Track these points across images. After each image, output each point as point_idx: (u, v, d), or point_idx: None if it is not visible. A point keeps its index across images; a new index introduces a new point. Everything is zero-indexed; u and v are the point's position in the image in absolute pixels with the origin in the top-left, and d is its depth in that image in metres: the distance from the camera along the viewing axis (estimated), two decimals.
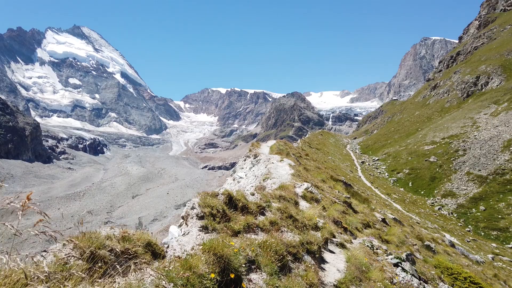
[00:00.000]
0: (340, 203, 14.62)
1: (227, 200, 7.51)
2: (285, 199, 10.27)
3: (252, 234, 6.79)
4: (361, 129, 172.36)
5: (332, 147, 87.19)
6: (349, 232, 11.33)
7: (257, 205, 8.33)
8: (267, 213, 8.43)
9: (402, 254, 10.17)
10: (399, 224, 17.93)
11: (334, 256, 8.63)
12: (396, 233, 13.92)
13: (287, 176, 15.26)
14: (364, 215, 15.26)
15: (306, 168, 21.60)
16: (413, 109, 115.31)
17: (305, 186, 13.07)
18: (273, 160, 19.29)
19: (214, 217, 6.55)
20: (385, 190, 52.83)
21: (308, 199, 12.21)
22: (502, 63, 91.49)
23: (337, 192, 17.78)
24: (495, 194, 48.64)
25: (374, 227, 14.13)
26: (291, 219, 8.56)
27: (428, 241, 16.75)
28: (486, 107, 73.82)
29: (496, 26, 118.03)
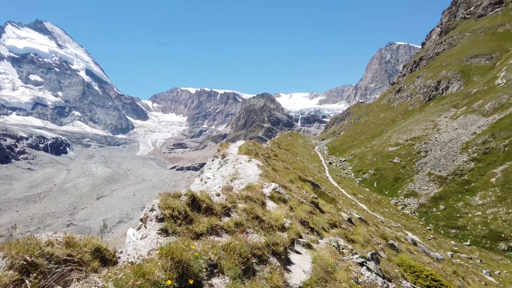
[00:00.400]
0: (307, 203, 14.51)
1: (190, 201, 7.23)
2: (252, 200, 10.08)
3: (216, 237, 6.56)
4: (329, 131, 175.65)
5: (301, 148, 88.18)
6: (316, 232, 11.24)
7: (222, 206, 8.11)
8: (233, 214, 8.21)
9: (367, 253, 10.28)
10: (364, 223, 18.18)
11: (300, 257, 8.50)
12: (361, 232, 14.05)
13: (255, 176, 15.08)
14: (330, 215, 15.25)
15: (275, 168, 21.40)
16: (379, 111, 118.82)
17: (273, 187, 12.91)
18: (241, 160, 19.04)
19: (176, 219, 6.26)
20: (352, 190, 53.96)
21: (275, 199, 12.02)
22: (462, 68, 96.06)
23: (304, 193, 17.72)
24: (454, 194, 50.86)
25: (340, 227, 14.17)
26: (257, 220, 8.37)
27: (392, 240, 17.04)
28: (446, 111, 77.16)
29: (456, 33, 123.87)
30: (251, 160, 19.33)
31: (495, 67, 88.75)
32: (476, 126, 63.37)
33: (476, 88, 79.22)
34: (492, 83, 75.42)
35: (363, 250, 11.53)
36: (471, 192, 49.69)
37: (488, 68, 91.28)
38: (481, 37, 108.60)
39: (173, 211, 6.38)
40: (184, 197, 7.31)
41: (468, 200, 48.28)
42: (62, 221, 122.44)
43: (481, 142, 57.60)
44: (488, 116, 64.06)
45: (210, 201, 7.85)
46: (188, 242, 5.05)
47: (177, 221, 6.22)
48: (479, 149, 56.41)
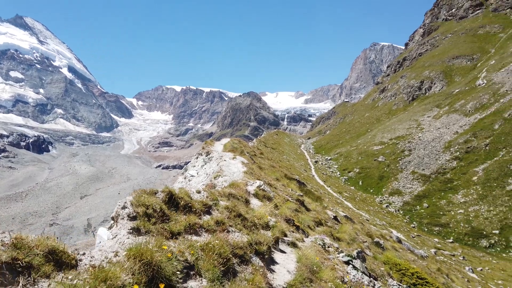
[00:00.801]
0: (293, 201, 14.21)
1: (167, 199, 6.80)
2: (235, 197, 9.73)
3: (195, 236, 6.23)
4: (314, 130, 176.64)
5: (287, 146, 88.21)
6: (301, 231, 10.95)
7: (203, 204, 7.73)
8: (214, 212, 7.87)
9: (353, 251, 10.15)
10: (350, 221, 18.00)
11: (285, 256, 8.22)
12: (347, 230, 13.86)
13: (239, 174, 14.78)
14: (316, 213, 14.98)
15: (260, 166, 21.08)
16: (363, 111, 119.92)
17: (258, 184, 12.62)
18: (225, 157, 18.63)
19: (150, 217, 5.84)
20: (337, 189, 54.15)
21: (260, 197, 11.74)
22: (444, 69, 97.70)
23: (290, 190, 17.41)
24: (437, 192, 51.57)
25: (326, 225, 13.92)
26: (239, 218, 8.06)
27: (378, 237, 16.96)
28: (429, 110, 78.29)
29: (438, 34, 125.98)
30: (235, 157, 18.90)
31: (476, 68, 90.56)
32: (458, 126, 64.43)
33: (458, 88, 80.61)
34: (473, 84, 76.84)
35: (349, 248, 11.36)
36: (453, 190, 50.48)
37: (470, 69, 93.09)
38: (463, 39, 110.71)
39: (147, 209, 5.97)
40: (160, 194, 6.90)
41: (451, 198, 49.01)
42: (45, 220, 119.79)
43: (463, 141, 58.57)
44: (470, 115, 65.21)
45: (189, 199, 7.47)
46: (161, 242, 4.68)
47: (151, 220, 5.81)
48: (461, 148, 57.36)
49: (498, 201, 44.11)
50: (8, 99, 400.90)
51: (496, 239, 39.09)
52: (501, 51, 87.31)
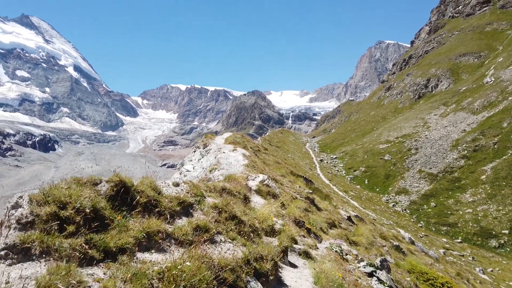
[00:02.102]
0: (302, 199, 12.73)
1: (115, 193, 4.82)
2: (230, 193, 7.84)
3: (155, 253, 4.31)
4: (319, 128, 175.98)
5: (292, 145, 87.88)
6: (313, 234, 9.46)
7: (178, 201, 5.74)
8: (196, 213, 5.90)
9: (375, 259, 8.93)
10: (361, 221, 17.03)
11: (296, 272, 6.37)
12: (364, 233, 12.74)
13: (239, 167, 13.03)
14: (328, 213, 13.59)
15: (265, 162, 19.77)
16: (369, 109, 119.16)
17: (261, 178, 11.10)
18: (224, 149, 16.74)
19: (66, 223, 3.80)
20: (343, 188, 53.80)
21: (263, 194, 10.09)
22: (451, 66, 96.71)
23: (298, 187, 15.82)
24: (444, 191, 51.03)
25: (340, 226, 12.62)
26: (233, 222, 6.12)
27: (392, 239, 16.21)
28: (436, 108, 77.54)
29: (445, 32, 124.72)
30: (236, 149, 17.00)
31: (483, 65, 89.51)
32: (465, 124, 63.73)
33: (465, 86, 79.76)
34: (481, 81, 75.97)
35: (369, 254, 10.35)
36: (461, 189, 49.90)
37: (477, 67, 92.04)
38: (470, 36, 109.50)
39: (63, 209, 3.91)
40: (104, 185, 4.87)
41: (459, 197, 48.47)
42: None
43: (471, 139, 57.92)
44: (477, 113, 64.46)
45: (155, 193, 5.46)
46: (67, 275, 3.01)
47: (67, 228, 3.75)
48: (468, 147, 56.71)
49: (507, 200, 43.53)
50: (14, 98, 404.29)
51: (506, 239, 38.56)
52: (509, 48, 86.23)
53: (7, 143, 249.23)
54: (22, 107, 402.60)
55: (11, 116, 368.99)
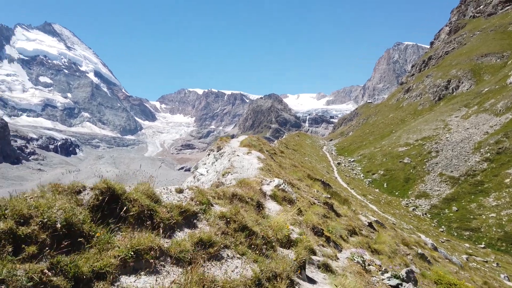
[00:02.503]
0: (320, 204, 12.14)
1: (101, 202, 4.15)
2: (241, 200, 7.27)
3: (144, 275, 3.58)
4: (337, 131, 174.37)
5: (309, 148, 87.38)
6: (333, 243, 8.83)
7: (180, 211, 5.11)
8: (200, 223, 5.27)
9: (400, 270, 8.29)
10: (382, 227, 16.38)
11: None
12: (386, 240, 11.92)
13: (253, 170, 12.48)
14: (348, 219, 12.95)
15: (281, 165, 19.20)
16: (387, 111, 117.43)
17: (276, 183, 10.54)
18: (239, 152, 16.23)
19: (27, 243, 3.06)
20: (361, 191, 53.07)
21: (279, 199, 9.54)
22: (472, 67, 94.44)
23: (315, 192, 15.17)
24: (466, 195, 49.69)
25: (360, 233, 11.96)
26: (243, 233, 5.46)
27: (414, 246, 15.52)
28: (457, 110, 75.79)
29: (466, 32, 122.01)
30: (250, 152, 16.39)
31: (506, 65, 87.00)
32: (488, 126, 62.01)
33: (487, 87, 77.70)
34: (504, 82, 73.86)
35: (392, 264, 9.70)
36: (484, 193, 48.48)
37: (499, 67, 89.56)
38: (491, 36, 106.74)
39: (22, 225, 3.16)
40: (88, 193, 4.28)
41: (482, 201, 47.10)
42: None
43: (494, 142, 56.29)
44: (501, 115, 62.64)
45: (150, 202, 4.77)
46: None
47: (25, 249, 2.99)
48: (492, 149, 55.13)
49: None
50: (37, 104, 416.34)
51: None
52: None
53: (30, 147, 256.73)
54: (44, 112, 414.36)
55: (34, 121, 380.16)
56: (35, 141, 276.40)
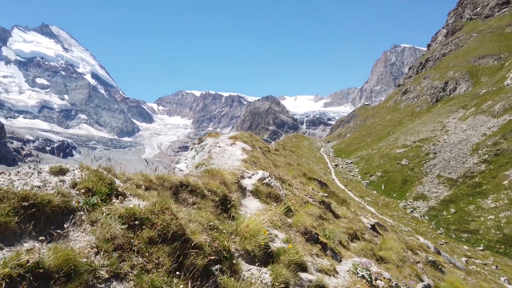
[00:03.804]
0: (315, 203, 10.62)
1: None
2: (193, 193, 5.40)
3: None
4: (334, 133, 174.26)
5: (306, 150, 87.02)
6: (331, 251, 7.35)
7: (24, 205, 2.80)
8: (78, 229, 3.11)
9: (415, 285, 7.11)
10: (383, 230, 15.17)
11: None
12: (393, 246, 10.46)
13: (235, 162, 10.81)
14: (348, 221, 11.59)
15: (275, 163, 17.51)
16: (385, 113, 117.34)
17: (260, 176, 8.81)
18: (221, 143, 14.45)
19: None
20: (359, 193, 52.71)
21: (262, 196, 7.93)
22: (469, 69, 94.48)
23: (310, 190, 13.58)
24: (465, 196, 49.40)
25: (363, 238, 10.54)
26: (170, 247, 3.40)
27: (418, 250, 14.57)
28: (455, 112, 75.65)
29: (463, 34, 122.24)
30: (235, 143, 14.57)
31: (503, 67, 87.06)
32: (486, 127, 61.85)
33: (484, 89, 77.66)
34: (501, 84, 73.83)
35: (402, 275, 8.49)
36: (482, 195, 48.20)
37: (497, 69, 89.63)
38: (489, 38, 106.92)
39: None
40: None
41: (480, 203, 46.81)
42: None
43: (492, 143, 56.10)
44: (498, 117, 62.51)
45: None
46: None
47: None
48: (490, 151, 54.92)
49: None
50: (34, 105, 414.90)
51: None
52: None
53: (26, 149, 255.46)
54: (41, 114, 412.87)
55: (31, 123, 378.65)
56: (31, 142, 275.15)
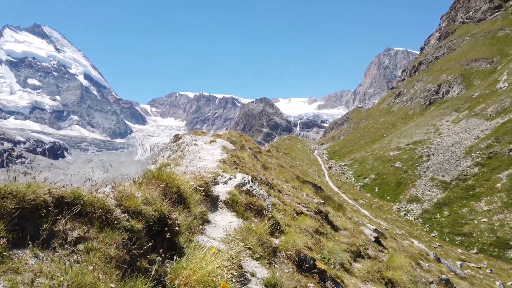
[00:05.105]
0: (310, 213, 9.07)
1: None
2: (86, 217, 3.05)
3: None
4: (328, 135, 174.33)
5: (300, 152, 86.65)
6: (331, 281, 5.90)
7: None
8: None
9: None
10: (382, 237, 13.77)
11: None
12: (402, 263, 9.01)
13: (211, 163, 8.96)
14: (349, 233, 10.10)
15: (266, 165, 15.71)
16: (378, 116, 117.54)
17: (239, 181, 7.14)
18: (199, 141, 12.64)
19: None
20: (352, 196, 52.37)
21: (240, 207, 6.27)
22: (462, 72, 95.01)
23: (304, 196, 11.76)
24: (458, 199, 49.29)
25: (367, 255, 9.07)
26: None
27: (420, 259, 13.38)
28: (448, 115, 75.85)
29: (456, 37, 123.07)
30: (215, 141, 12.81)
31: (496, 71, 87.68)
32: (479, 130, 62.00)
33: (477, 92, 78.05)
34: (494, 87, 74.26)
35: None
36: (476, 197, 48.14)
37: (489, 72, 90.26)
38: (481, 41, 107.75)
39: None
40: None
41: (473, 206, 46.72)
42: None
43: (485, 146, 56.17)
44: (491, 120, 62.71)
45: None
46: None
47: None
48: (483, 154, 54.96)
49: None
50: (25, 106, 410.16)
51: None
52: None
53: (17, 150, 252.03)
54: (32, 115, 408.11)
55: (22, 124, 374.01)
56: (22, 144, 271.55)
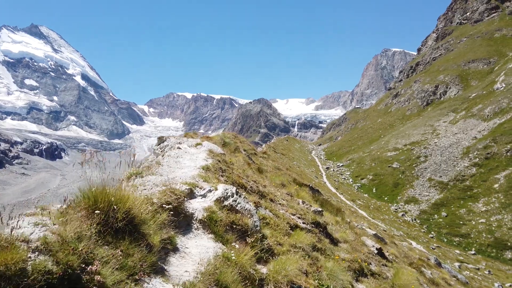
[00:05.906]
0: (306, 227, 8.14)
1: None
2: None
3: None
4: (325, 136, 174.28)
5: (297, 152, 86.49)
6: None
7: None
8: None
9: None
10: (382, 242, 13.02)
11: None
12: (408, 280, 8.20)
13: (191, 170, 7.82)
14: (350, 247, 9.15)
15: (260, 168, 14.80)
16: (376, 116, 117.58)
17: (220, 194, 6.20)
18: (184, 144, 11.43)
19: None
20: (350, 196, 52.22)
21: (220, 227, 5.46)
22: (460, 73, 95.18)
23: (300, 204, 10.66)
24: (456, 200, 49.26)
25: (370, 272, 8.17)
26: None
27: (423, 266, 12.64)
28: (445, 115, 75.89)
29: (453, 38, 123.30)
30: (201, 144, 11.37)
31: (493, 71, 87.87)
32: (476, 131, 62.04)
33: (475, 93, 78.14)
34: (491, 88, 74.36)
35: None
36: (473, 198, 48.13)
37: (486, 73, 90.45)
38: (478, 42, 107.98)
39: None
40: None
41: (471, 206, 46.69)
42: None
43: (482, 147, 56.20)
44: (488, 120, 62.78)
45: None
46: None
47: None
48: (480, 154, 54.99)
49: None
50: (22, 107, 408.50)
51: None
52: None
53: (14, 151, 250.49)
54: (30, 115, 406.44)
55: (19, 125, 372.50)
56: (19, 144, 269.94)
